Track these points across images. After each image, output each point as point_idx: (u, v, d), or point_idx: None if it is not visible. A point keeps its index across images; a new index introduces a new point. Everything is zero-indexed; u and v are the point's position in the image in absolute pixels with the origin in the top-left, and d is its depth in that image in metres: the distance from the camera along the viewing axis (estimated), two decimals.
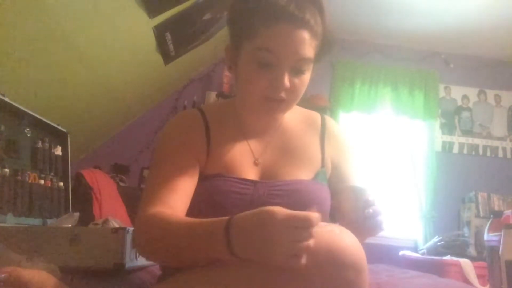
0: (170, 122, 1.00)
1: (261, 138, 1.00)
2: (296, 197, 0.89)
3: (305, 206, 0.87)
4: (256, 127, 1.00)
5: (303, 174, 0.96)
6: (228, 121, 1.00)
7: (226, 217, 0.69)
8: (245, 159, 0.96)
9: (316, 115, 1.07)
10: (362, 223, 0.79)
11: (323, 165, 0.99)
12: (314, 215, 0.63)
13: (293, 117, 1.04)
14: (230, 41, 0.94)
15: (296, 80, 0.88)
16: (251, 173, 0.94)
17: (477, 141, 3.85)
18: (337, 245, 0.66)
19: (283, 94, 0.88)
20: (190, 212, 0.87)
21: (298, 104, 1.02)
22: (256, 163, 0.96)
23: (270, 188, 0.91)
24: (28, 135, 1.84)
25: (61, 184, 2.01)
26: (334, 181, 0.99)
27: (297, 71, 0.88)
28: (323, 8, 0.90)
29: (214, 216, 0.77)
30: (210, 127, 0.97)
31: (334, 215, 0.92)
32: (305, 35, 0.85)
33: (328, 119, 1.08)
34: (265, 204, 0.87)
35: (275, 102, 0.89)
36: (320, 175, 0.97)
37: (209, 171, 0.93)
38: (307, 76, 0.90)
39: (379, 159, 3.81)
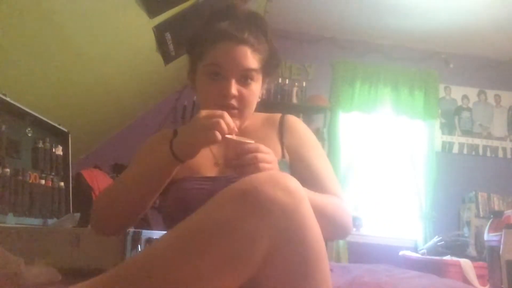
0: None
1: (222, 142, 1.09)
2: None
3: None
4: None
5: None
6: None
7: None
8: (206, 161, 1.08)
9: (277, 115, 1.17)
10: (237, 162, 0.87)
11: (283, 155, 1.08)
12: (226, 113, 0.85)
13: (253, 121, 1.14)
14: (189, 66, 1.11)
15: (244, 90, 1.01)
16: (212, 172, 1.07)
17: (477, 141, 3.85)
18: (275, 173, 0.76)
19: (233, 102, 1.01)
20: (163, 210, 1.06)
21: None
22: (216, 164, 1.08)
23: (228, 182, 0.96)
24: (29, 135, 1.84)
25: (62, 184, 2.01)
26: (299, 168, 1.06)
27: (244, 81, 1.01)
28: (266, 30, 1.05)
29: (180, 211, 0.91)
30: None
31: None
32: (246, 49, 1.00)
33: (289, 116, 1.17)
34: None
35: (228, 110, 0.99)
36: (281, 165, 1.01)
37: (177, 176, 1.02)
38: (254, 87, 1.03)
39: (379, 159, 3.81)
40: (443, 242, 3.08)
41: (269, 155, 0.87)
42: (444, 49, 3.87)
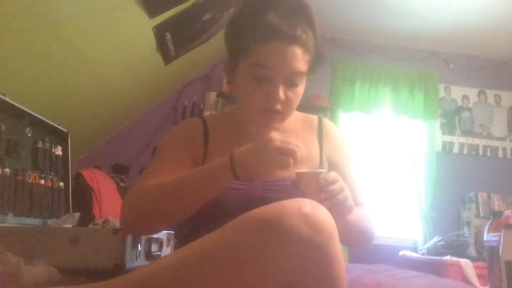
0: (174, 127, 1.09)
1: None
2: (290, 193, 0.91)
3: None
4: (255, 135, 1.05)
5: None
6: (228, 128, 1.07)
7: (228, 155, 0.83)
8: None
9: (314, 117, 1.13)
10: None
11: (321, 161, 1.04)
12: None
13: (291, 119, 1.08)
14: (227, 58, 1.00)
15: (290, 93, 0.94)
16: None
17: (477, 141, 3.85)
18: (309, 211, 0.68)
19: (278, 106, 0.94)
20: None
21: (297, 107, 1.04)
22: None
23: (265, 184, 0.96)
24: (29, 135, 1.84)
25: (61, 184, 2.01)
26: None
27: (290, 84, 0.93)
28: (314, 24, 0.94)
29: (212, 211, 0.89)
30: (209, 133, 1.05)
31: None
32: (297, 50, 0.89)
33: (325, 120, 1.13)
34: (260, 199, 0.89)
35: (271, 114, 0.95)
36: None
37: None
38: (300, 89, 0.96)
39: (379, 159, 3.81)
40: (443, 242, 3.08)
41: (346, 188, 0.84)
42: (444, 49, 3.87)
